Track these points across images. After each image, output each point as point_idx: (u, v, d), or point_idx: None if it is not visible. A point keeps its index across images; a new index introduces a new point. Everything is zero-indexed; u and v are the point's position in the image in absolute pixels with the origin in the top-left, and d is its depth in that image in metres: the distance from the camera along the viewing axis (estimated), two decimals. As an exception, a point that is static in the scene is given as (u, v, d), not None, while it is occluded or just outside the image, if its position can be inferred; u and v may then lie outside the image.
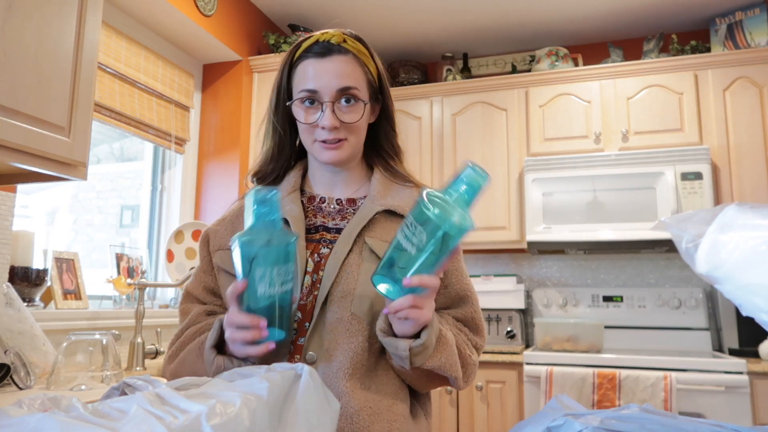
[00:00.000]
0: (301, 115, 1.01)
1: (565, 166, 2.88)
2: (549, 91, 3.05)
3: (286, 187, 1.07)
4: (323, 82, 0.99)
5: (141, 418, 0.49)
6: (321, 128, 0.99)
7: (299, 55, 1.03)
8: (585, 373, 2.39)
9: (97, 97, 2.27)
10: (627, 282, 3.16)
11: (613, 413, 0.53)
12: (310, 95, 0.99)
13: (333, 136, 0.99)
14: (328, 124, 0.98)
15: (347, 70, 1.00)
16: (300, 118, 1.02)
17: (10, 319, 1.60)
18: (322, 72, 0.99)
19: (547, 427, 0.53)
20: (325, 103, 0.98)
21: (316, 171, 1.10)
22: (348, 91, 0.99)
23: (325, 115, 0.98)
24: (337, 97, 0.99)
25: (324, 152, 1.01)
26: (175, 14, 2.51)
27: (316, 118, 1.00)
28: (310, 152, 1.06)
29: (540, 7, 3.02)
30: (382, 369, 0.96)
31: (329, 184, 1.09)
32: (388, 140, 1.10)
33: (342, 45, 1.01)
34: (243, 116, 2.92)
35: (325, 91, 0.99)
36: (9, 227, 1.81)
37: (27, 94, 1.37)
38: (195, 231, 2.72)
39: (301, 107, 1.01)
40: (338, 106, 0.99)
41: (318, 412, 0.60)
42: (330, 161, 1.02)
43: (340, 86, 0.99)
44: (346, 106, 1.00)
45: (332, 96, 0.98)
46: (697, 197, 2.67)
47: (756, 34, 2.87)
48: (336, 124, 0.99)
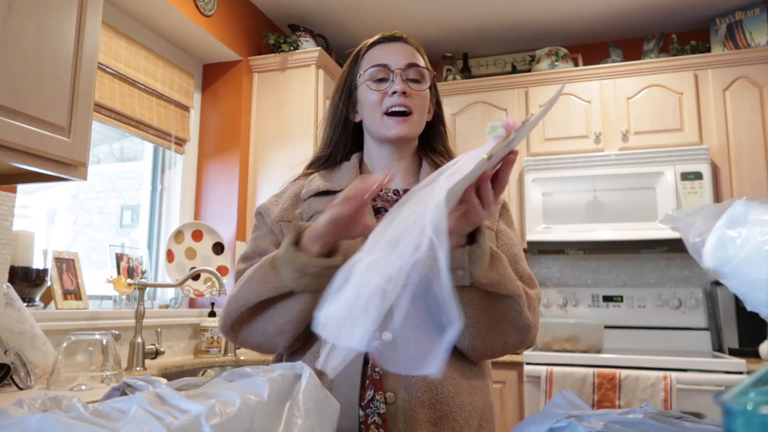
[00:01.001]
0: (370, 85, 1.06)
1: (565, 166, 2.88)
2: (549, 91, 3.05)
3: (346, 176, 1.09)
4: (392, 57, 1.06)
5: (141, 418, 0.49)
6: (391, 95, 1.04)
7: (367, 47, 1.11)
8: (585, 373, 2.39)
9: (97, 97, 2.27)
10: (627, 282, 3.16)
11: (617, 417, 0.53)
12: (380, 69, 1.06)
13: (402, 101, 1.04)
14: (398, 88, 1.03)
15: (413, 52, 1.09)
16: (371, 87, 1.06)
17: (10, 319, 1.59)
18: (391, 51, 1.07)
19: (550, 428, 0.53)
20: (394, 72, 1.05)
21: (375, 160, 1.13)
22: (415, 66, 1.07)
23: (396, 81, 1.04)
24: (406, 69, 1.06)
25: (392, 126, 1.05)
26: (175, 14, 2.51)
27: (385, 87, 1.05)
28: (375, 132, 1.08)
29: (540, 7, 3.02)
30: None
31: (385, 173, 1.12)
32: (440, 140, 1.15)
33: (405, 38, 1.11)
34: (243, 116, 2.92)
35: (394, 64, 1.06)
36: (9, 227, 1.81)
37: (27, 94, 1.37)
38: (195, 231, 2.72)
39: (371, 84, 1.06)
40: (406, 78, 1.05)
41: (318, 412, 0.60)
42: (398, 134, 1.05)
43: (408, 61, 1.06)
44: (414, 81, 1.06)
45: (401, 67, 1.05)
46: (697, 197, 2.67)
47: (756, 34, 2.87)
48: (405, 88, 1.04)
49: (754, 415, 0.31)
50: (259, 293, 0.90)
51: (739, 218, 0.56)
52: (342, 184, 1.07)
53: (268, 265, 0.91)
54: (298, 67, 2.92)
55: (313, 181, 1.11)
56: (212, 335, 2.53)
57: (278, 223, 1.05)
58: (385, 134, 1.06)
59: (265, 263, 0.91)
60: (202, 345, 2.53)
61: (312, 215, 1.04)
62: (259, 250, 1.04)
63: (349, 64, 1.13)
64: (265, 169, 2.92)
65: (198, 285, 2.68)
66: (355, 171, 1.11)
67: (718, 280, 0.68)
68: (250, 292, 0.91)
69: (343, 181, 1.08)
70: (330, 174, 1.13)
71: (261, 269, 0.91)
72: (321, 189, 1.08)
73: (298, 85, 2.91)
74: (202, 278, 2.69)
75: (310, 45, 3.01)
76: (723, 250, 0.56)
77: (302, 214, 1.06)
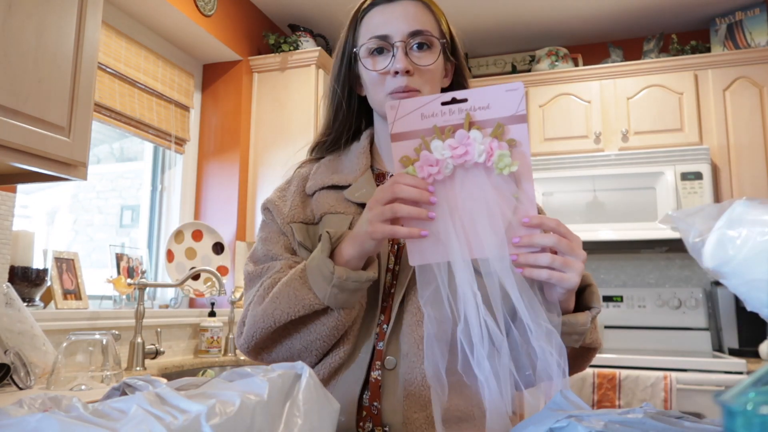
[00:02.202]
0: (369, 63, 0.91)
1: (565, 166, 2.88)
2: (549, 91, 3.05)
3: (356, 165, 0.97)
4: (392, 25, 0.89)
5: (141, 418, 0.49)
6: (393, 75, 0.89)
7: (364, 9, 0.94)
8: (585, 373, 2.39)
9: (97, 97, 2.27)
10: (627, 282, 3.16)
11: (618, 417, 0.53)
12: (379, 42, 0.90)
13: (406, 83, 0.88)
14: (400, 67, 0.87)
15: (417, 13, 0.91)
16: (369, 66, 0.91)
17: (10, 319, 1.59)
18: (391, 17, 0.90)
19: (550, 429, 0.53)
20: (395, 44, 0.89)
21: (384, 143, 0.99)
22: (420, 34, 0.89)
23: (397, 57, 0.88)
24: (409, 39, 0.89)
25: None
26: (175, 14, 2.51)
27: (386, 64, 0.89)
28: (380, 113, 0.95)
29: (540, 7, 3.02)
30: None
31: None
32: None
33: None
34: (243, 116, 2.92)
35: (396, 34, 0.89)
36: (9, 227, 1.81)
37: (27, 94, 1.37)
38: (195, 231, 2.72)
39: (370, 58, 0.91)
40: (410, 50, 0.89)
41: (318, 412, 0.60)
42: None
43: (411, 29, 0.89)
44: (419, 51, 0.90)
45: (403, 37, 0.89)
46: (697, 197, 2.67)
47: (756, 34, 2.87)
48: (408, 66, 0.88)
49: (754, 415, 0.31)
50: (290, 312, 0.81)
51: (739, 218, 0.56)
52: (350, 178, 0.95)
53: (298, 280, 0.81)
54: (298, 67, 2.92)
55: (318, 172, 0.99)
56: (212, 335, 2.53)
57: (289, 225, 0.94)
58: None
59: (295, 278, 0.82)
60: (202, 345, 2.53)
61: (321, 216, 0.93)
62: (271, 254, 0.93)
63: (346, 31, 0.97)
64: (265, 169, 2.92)
65: (198, 285, 2.68)
66: (365, 158, 0.98)
67: (718, 280, 0.68)
68: (279, 311, 0.82)
69: (351, 173, 0.96)
70: (337, 161, 1.01)
71: (291, 285, 0.82)
72: (327, 184, 0.96)
73: (298, 85, 2.91)
74: (202, 278, 2.69)
75: (310, 45, 3.01)
76: (723, 250, 0.56)
77: (312, 212, 0.95)
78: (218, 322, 2.57)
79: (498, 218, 0.71)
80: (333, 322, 0.82)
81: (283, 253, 0.92)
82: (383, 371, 0.85)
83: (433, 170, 0.73)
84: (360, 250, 0.78)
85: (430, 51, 0.90)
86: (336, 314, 0.82)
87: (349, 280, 0.77)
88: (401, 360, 0.84)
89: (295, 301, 0.81)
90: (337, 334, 0.84)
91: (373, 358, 0.86)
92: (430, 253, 0.72)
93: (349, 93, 0.99)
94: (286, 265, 0.90)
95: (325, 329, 0.83)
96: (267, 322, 0.83)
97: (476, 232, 0.71)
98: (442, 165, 0.72)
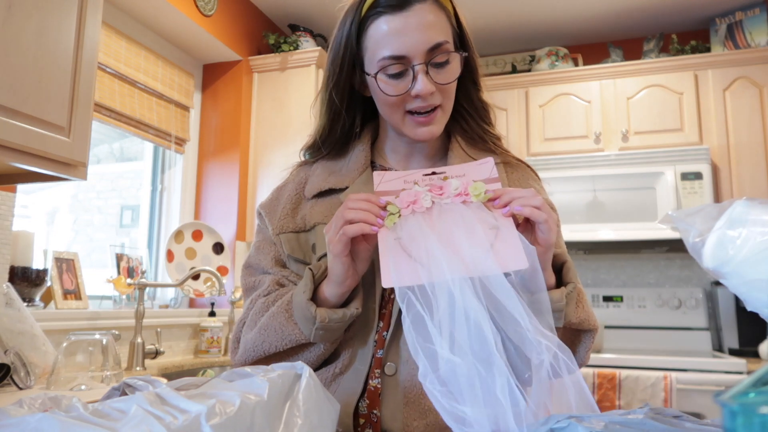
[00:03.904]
0: (386, 87, 0.86)
1: (565, 166, 2.88)
2: (549, 91, 3.05)
3: (354, 165, 0.94)
4: (409, 43, 0.83)
5: (141, 418, 0.49)
6: (414, 98, 0.85)
7: (367, 11, 0.86)
8: (585, 373, 2.39)
9: (97, 97, 2.27)
10: (627, 282, 3.16)
11: (618, 418, 0.53)
12: (398, 66, 0.84)
13: (428, 103, 0.85)
14: (424, 91, 0.83)
15: (432, 20, 0.84)
16: (387, 91, 0.86)
17: (10, 319, 1.59)
18: (405, 30, 0.83)
19: (551, 429, 0.53)
20: (416, 67, 0.83)
21: (390, 140, 0.97)
22: (440, 48, 0.84)
23: (419, 81, 0.83)
24: (429, 57, 0.84)
25: (417, 128, 0.88)
26: (175, 14, 2.51)
27: (406, 87, 0.84)
28: (396, 128, 0.91)
29: (540, 7, 3.02)
30: None
31: (405, 156, 0.97)
32: (467, 97, 0.95)
33: None
34: (243, 116, 2.92)
35: (415, 54, 0.83)
36: (9, 227, 1.81)
37: (27, 94, 1.37)
38: (195, 231, 2.72)
39: (385, 79, 0.85)
40: (430, 68, 0.84)
41: (318, 412, 0.60)
42: (424, 138, 0.88)
43: (430, 45, 0.83)
44: (439, 66, 0.85)
45: (423, 57, 0.83)
46: (697, 197, 2.67)
47: (756, 34, 2.87)
48: (432, 89, 0.84)
49: (754, 415, 0.31)
50: (278, 345, 0.84)
51: (739, 218, 0.56)
52: (347, 180, 0.93)
53: (284, 315, 0.84)
54: (298, 67, 2.92)
55: (316, 174, 0.97)
56: (212, 335, 2.53)
57: (278, 236, 0.93)
58: (408, 134, 0.89)
59: (281, 311, 0.84)
60: (202, 345, 2.53)
61: (314, 225, 0.92)
62: (261, 266, 0.94)
63: (347, 31, 0.88)
64: (265, 169, 2.92)
65: (198, 285, 2.68)
66: (365, 156, 0.95)
67: (718, 280, 0.68)
68: (267, 343, 0.85)
69: (349, 174, 0.94)
70: (335, 161, 0.97)
71: (277, 319, 0.84)
72: (324, 188, 0.93)
73: (298, 85, 2.91)
74: (202, 278, 2.69)
75: (310, 45, 3.01)
76: (723, 250, 0.56)
77: (304, 219, 0.93)
78: (218, 322, 2.57)
79: (480, 234, 0.74)
80: (319, 352, 0.85)
81: (273, 267, 0.94)
82: (383, 378, 0.85)
83: (411, 198, 0.78)
84: (337, 285, 0.80)
85: (449, 66, 0.87)
86: (320, 346, 0.85)
87: (332, 321, 0.80)
88: (401, 366, 0.84)
89: (282, 335, 0.84)
90: (322, 360, 0.87)
91: (372, 366, 0.86)
92: (407, 275, 0.73)
93: (349, 94, 0.94)
94: (274, 281, 0.91)
95: (311, 357, 0.86)
96: (257, 352, 0.86)
97: (460, 249, 0.73)
98: (421, 196, 0.78)
